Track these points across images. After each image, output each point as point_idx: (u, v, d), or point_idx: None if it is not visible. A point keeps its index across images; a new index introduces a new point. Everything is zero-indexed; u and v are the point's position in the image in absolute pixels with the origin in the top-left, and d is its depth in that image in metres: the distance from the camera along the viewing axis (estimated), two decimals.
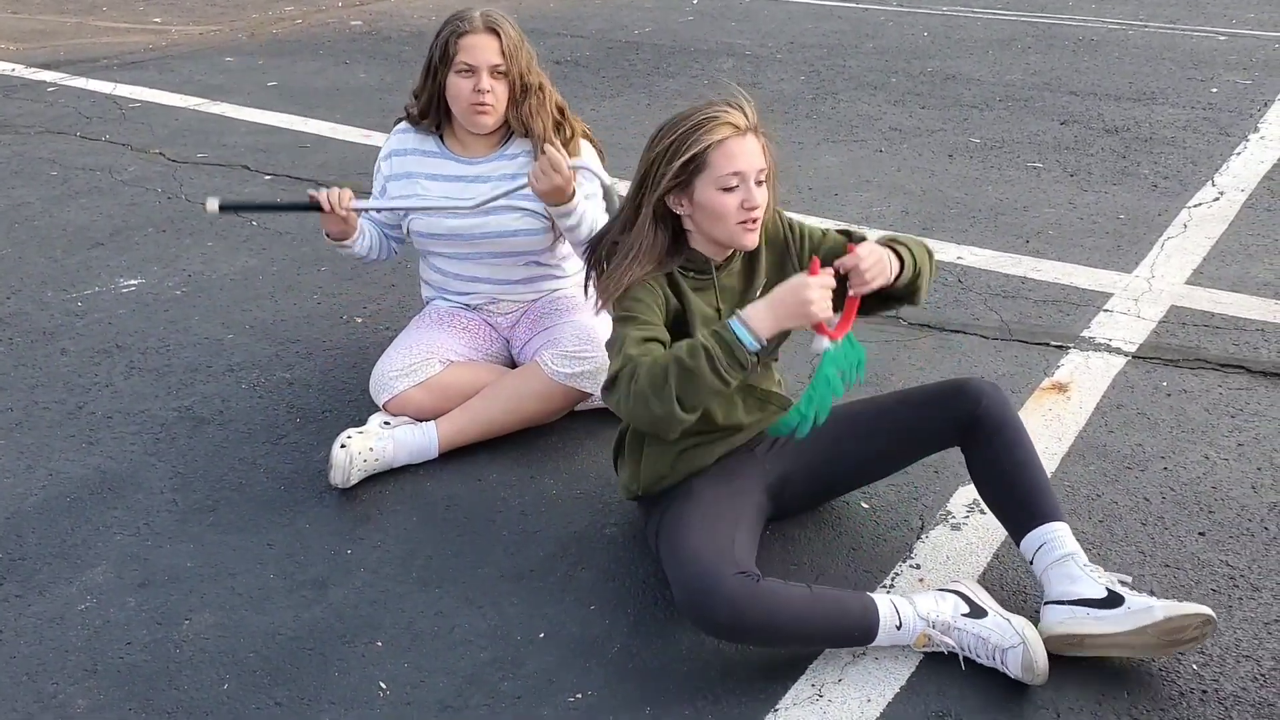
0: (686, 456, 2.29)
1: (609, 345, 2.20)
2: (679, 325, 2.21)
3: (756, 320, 2.03)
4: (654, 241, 2.17)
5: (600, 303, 2.23)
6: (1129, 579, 2.12)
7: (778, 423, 2.17)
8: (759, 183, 2.14)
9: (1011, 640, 2.01)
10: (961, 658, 2.06)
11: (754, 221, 2.14)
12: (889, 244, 2.22)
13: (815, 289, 2.01)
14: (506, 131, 2.88)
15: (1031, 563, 2.15)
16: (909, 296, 2.29)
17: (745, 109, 2.14)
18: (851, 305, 2.15)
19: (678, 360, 2.01)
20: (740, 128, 2.11)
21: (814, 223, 2.54)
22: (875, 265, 2.12)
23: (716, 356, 2.00)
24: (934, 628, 2.06)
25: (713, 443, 2.31)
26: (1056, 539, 2.12)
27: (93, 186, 4.73)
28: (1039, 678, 1.99)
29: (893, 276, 2.18)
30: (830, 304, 2.04)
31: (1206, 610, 1.98)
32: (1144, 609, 1.99)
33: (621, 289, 2.15)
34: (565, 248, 2.97)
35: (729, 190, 2.11)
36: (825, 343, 2.09)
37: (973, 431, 2.23)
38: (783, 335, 2.20)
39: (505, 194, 2.77)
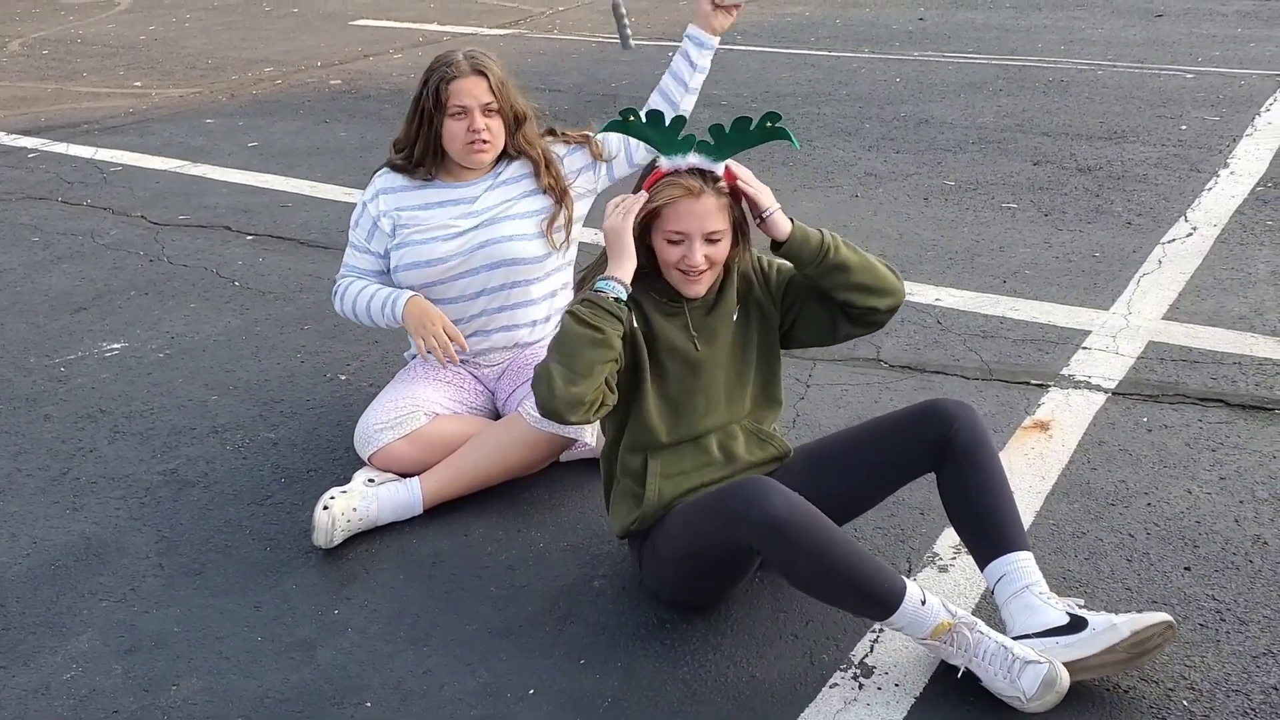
0: (689, 499, 2.31)
1: None
2: (648, 347, 2.30)
3: (610, 269, 2.22)
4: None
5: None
6: (1082, 602, 2.16)
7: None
8: (713, 241, 2.23)
9: (1034, 655, 2.02)
10: (961, 670, 2.05)
11: (697, 275, 2.25)
12: (821, 230, 2.29)
13: (608, 220, 2.23)
14: (496, 158, 2.95)
15: (993, 592, 2.19)
16: (850, 307, 2.31)
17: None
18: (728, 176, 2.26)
19: (558, 332, 2.21)
20: (693, 190, 2.20)
21: None
22: (753, 182, 2.26)
23: (580, 311, 2.17)
24: (957, 619, 2.05)
25: (711, 485, 2.33)
26: (1017, 570, 2.15)
27: (74, 251, 4.74)
28: (1056, 696, 1.99)
29: (772, 214, 2.24)
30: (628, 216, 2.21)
31: (1166, 617, 2.05)
32: (1109, 628, 2.04)
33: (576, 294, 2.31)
34: (558, 281, 3.02)
35: (673, 244, 2.24)
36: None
37: (945, 453, 2.26)
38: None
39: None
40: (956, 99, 6.58)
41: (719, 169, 2.24)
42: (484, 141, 2.85)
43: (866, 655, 2.23)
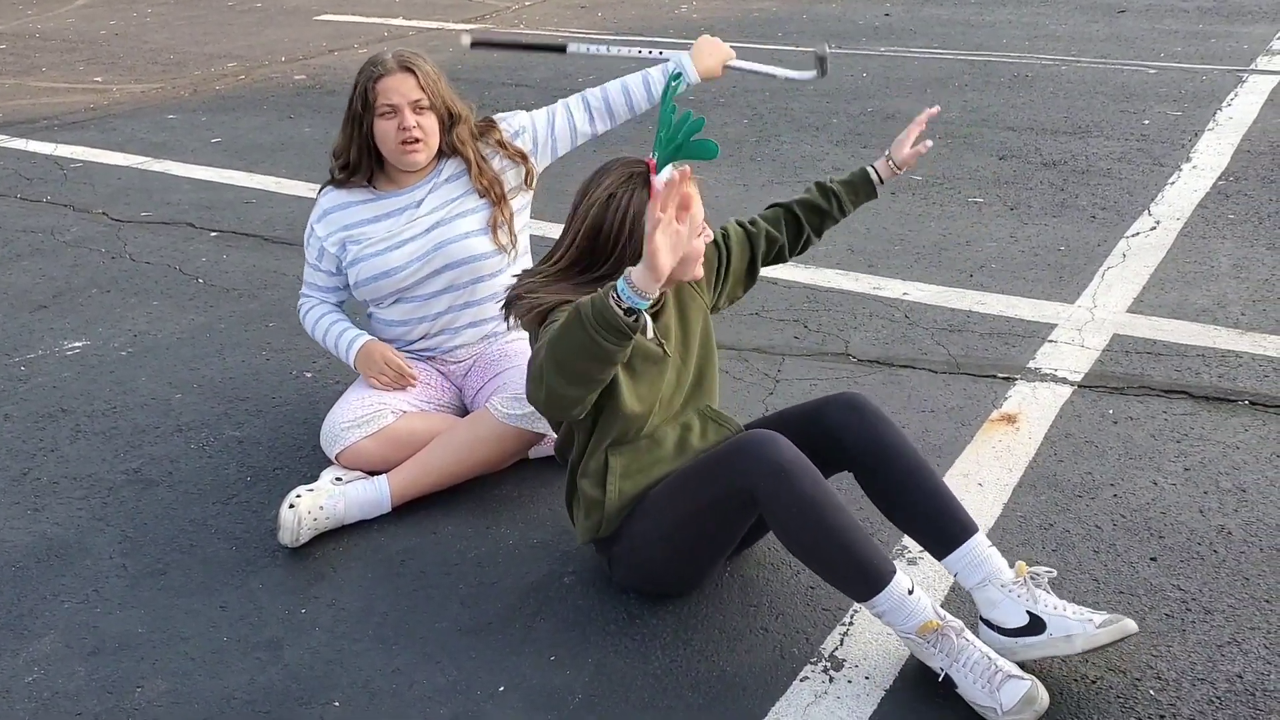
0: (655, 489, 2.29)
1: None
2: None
3: (636, 274, 1.92)
4: (579, 282, 2.21)
5: (515, 320, 2.22)
6: (1053, 572, 2.18)
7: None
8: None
9: (1017, 671, 2.01)
10: (941, 675, 2.05)
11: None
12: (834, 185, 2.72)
13: (657, 237, 1.89)
14: (434, 157, 2.91)
15: (956, 578, 2.21)
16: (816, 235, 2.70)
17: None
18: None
19: (559, 326, 2.01)
20: (694, 179, 2.15)
21: (764, 270, 2.59)
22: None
23: (585, 314, 1.93)
24: (945, 622, 2.05)
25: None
26: (970, 564, 2.16)
27: (34, 248, 4.68)
28: (1034, 715, 1.98)
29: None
30: (674, 242, 1.90)
31: (1129, 630, 2.07)
32: (1065, 639, 2.06)
33: (542, 305, 2.16)
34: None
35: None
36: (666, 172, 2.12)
37: (851, 463, 2.27)
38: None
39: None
40: (923, 94, 6.60)
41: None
42: (415, 140, 2.80)
43: (836, 648, 2.24)
